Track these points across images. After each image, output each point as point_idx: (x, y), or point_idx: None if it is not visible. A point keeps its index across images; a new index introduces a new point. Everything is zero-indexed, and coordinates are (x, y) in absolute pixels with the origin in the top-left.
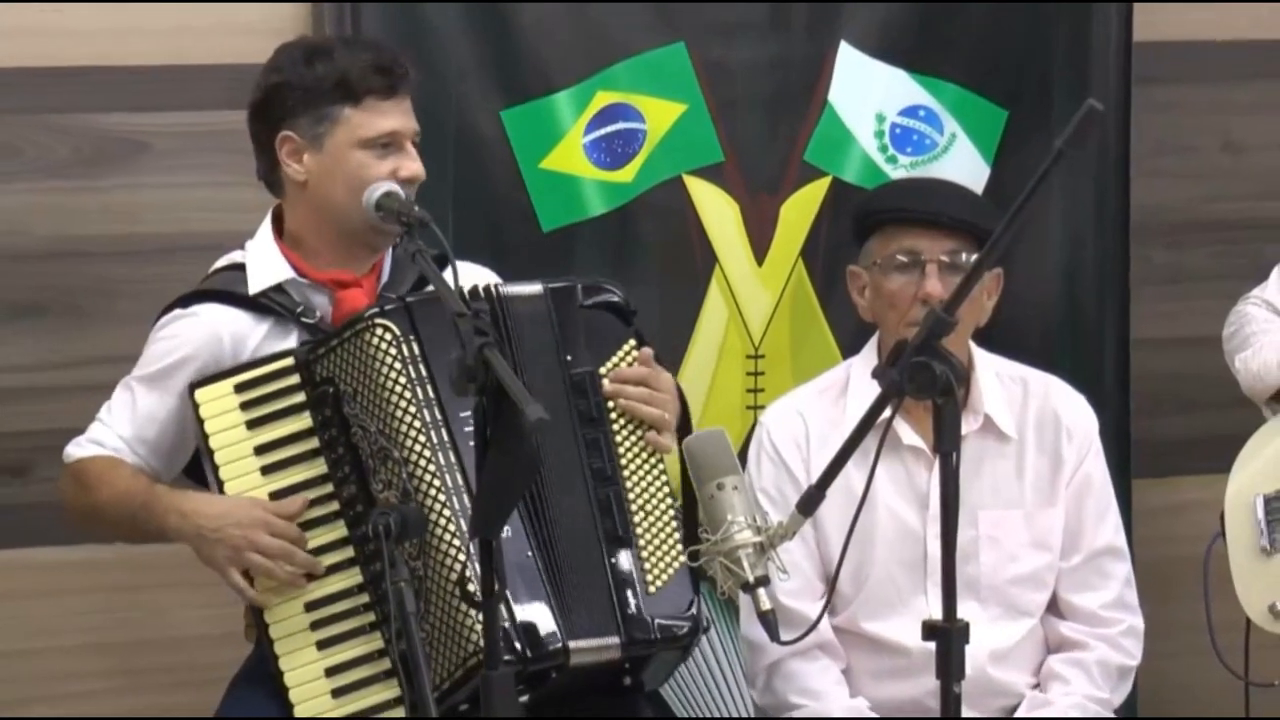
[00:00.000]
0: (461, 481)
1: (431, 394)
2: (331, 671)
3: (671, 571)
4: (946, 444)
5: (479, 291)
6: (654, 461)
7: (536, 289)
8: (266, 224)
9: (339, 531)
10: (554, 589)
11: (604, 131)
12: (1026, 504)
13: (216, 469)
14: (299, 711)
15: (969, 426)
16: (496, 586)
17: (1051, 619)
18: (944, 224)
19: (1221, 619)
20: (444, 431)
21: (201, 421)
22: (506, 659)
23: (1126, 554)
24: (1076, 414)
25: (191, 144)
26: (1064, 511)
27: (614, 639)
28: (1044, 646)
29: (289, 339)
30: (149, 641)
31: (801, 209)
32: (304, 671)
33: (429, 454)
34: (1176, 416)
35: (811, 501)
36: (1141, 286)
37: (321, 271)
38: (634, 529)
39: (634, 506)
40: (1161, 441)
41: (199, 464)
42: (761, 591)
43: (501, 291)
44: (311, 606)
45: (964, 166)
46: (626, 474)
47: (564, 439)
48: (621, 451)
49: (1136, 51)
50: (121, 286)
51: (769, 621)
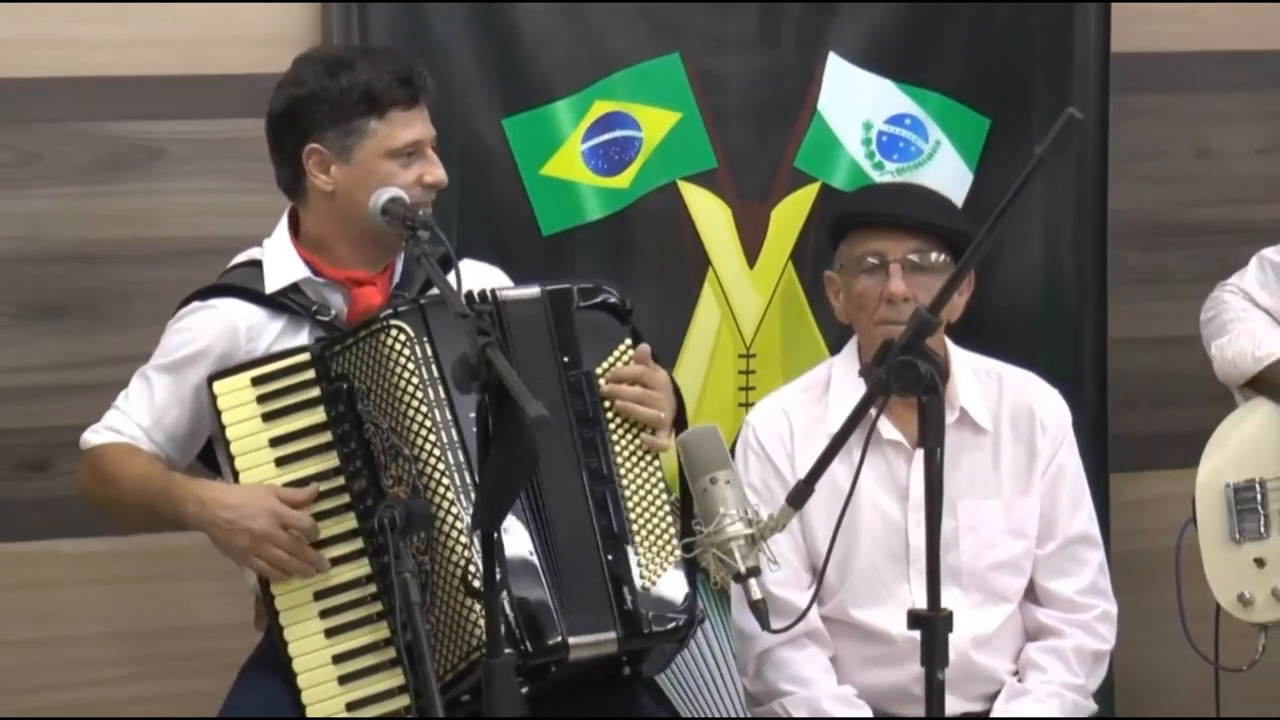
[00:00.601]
0: (469, 480)
1: (443, 394)
2: (339, 658)
3: (668, 567)
4: (931, 440)
5: (477, 296)
6: (649, 459)
7: (534, 292)
8: (283, 225)
9: (349, 524)
10: (554, 586)
11: (602, 139)
12: (1003, 493)
13: (232, 459)
14: (306, 697)
15: (945, 420)
16: (499, 576)
17: (1029, 606)
18: (906, 225)
19: (1194, 606)
20: (454, 431)
21: (219, 413)
22: (507, 653)
23: (1100, 542)
24: (1050, 407)
25: (205, 150)
26: (1039, 500)
27: (611, 634)
28: (1023, 633)
29: (302, 334)
30: (167, 629)
31: (792, 214)
32: (312, 658)
33: (439, 453)
34: (1152, 412)
35: (801, 495)
36: (1119, 287)
37: (338, 270)
38: (630, 526)
39: (630, 504)
40: (1138, 436)
41: (211, 450)
42: (753, 581)
43: (500, 295)
44: (320, 595)
45: (948, 173)
46: (622, 472)
47: (561, 439)
48: (618, 450)
49: (1114, 62)
50: (138, 288)
51: (760, 611)
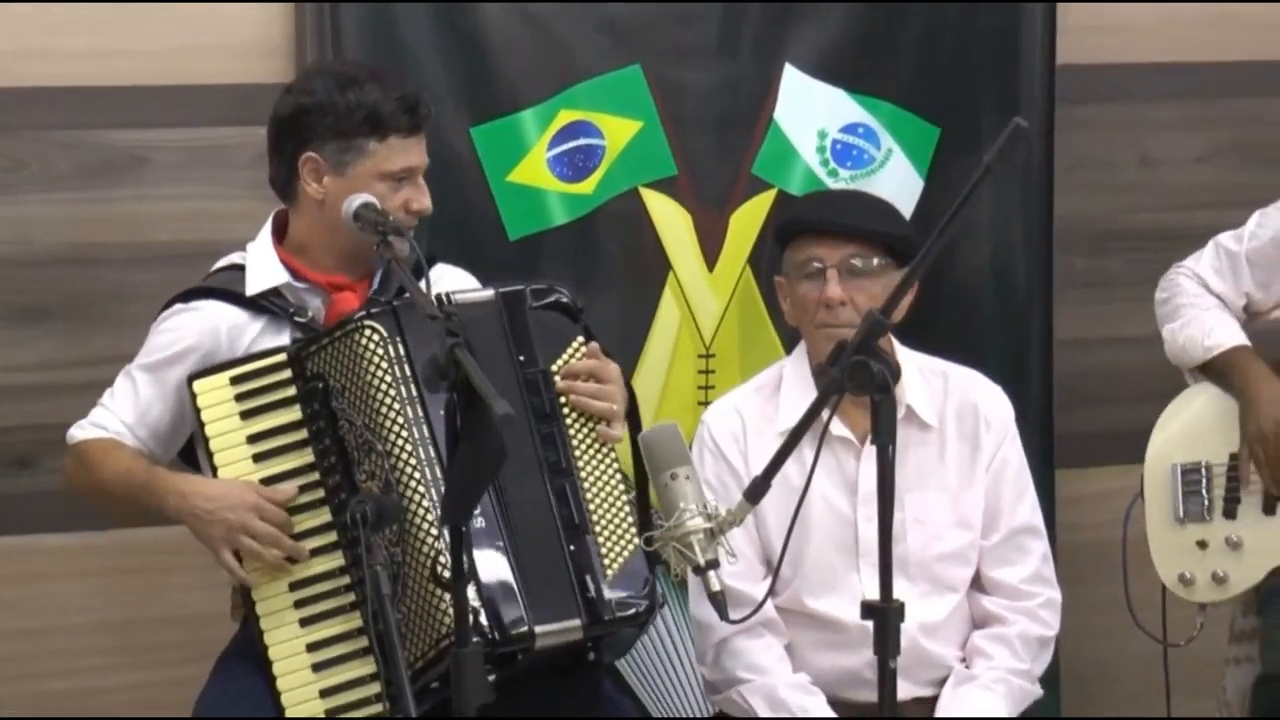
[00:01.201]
0: (440, 474)
1: (415, 392)
2: (313, 647)
3: (627, 554)
4: (884, 437)
5: (434, 299)
6: (605, 451)
7: (488, 294)
8: (267, 230)
9: (323, 517)
10: (519, 577)
11: (566, 147)
12: (949, 487)
13: (211, 455)
14: (281, 684)
15: None
16: (467, 568)
17: (975, 595)
18: (842, 231)
19: (1142, 590)
20: (425, 428)
21: (199, 410)
22: (475, 641)
23: (1043, 532)
24: (994, 404)
25: (190, 158)
26: (984, 493)
27: (576, 621)
28: (970, 621)
29: (282, 335)
30: (149, 620)
31: (749, 219)
32: (287, 646)
33: (410, 448)
34: (1097, 410)
35: (758, 491)
36: (1064, 290)
37: (320, 274)
38: (590, 517)
39: (589, 495)
40: (1082, 434)
41: (192, 448)
42: (712, 574)
43: (455, 298)
44: (296, 586)
45: (899, 180)
46: (580, 465)
47: (521, 435)
48: (575, 444)
49: (1060, 73)
50: (126, 291)
51: (719, 602)
